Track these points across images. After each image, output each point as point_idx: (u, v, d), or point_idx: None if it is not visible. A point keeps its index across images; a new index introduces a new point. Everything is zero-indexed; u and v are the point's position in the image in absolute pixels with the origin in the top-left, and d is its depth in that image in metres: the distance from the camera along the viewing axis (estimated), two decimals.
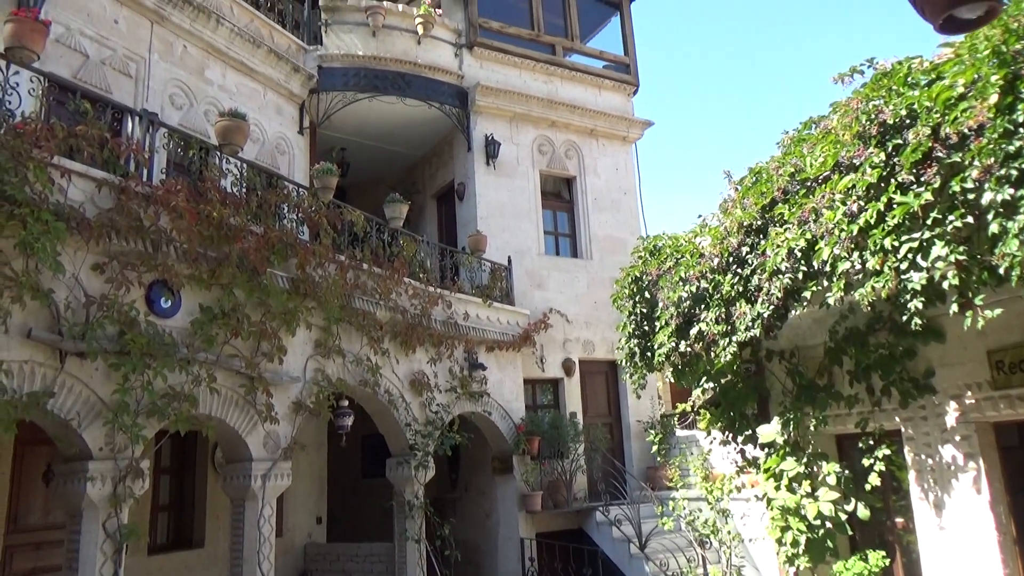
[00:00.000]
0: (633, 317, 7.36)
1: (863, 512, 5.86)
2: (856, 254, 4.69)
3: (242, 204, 6.91)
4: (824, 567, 6.09)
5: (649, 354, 7.09)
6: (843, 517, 5.94)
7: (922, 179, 4.32)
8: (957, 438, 5.31)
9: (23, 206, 5.04)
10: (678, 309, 6.50)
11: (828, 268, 4.92)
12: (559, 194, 13.67)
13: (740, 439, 6.96)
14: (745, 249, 5.82)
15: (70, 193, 5.53)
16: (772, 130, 41.37)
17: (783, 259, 5.26)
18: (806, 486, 6.13)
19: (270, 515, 7.08)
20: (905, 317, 4.52)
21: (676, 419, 12.21)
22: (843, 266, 4.75)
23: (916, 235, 4.31)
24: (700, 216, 6.97)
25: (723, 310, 5.95)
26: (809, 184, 5.34)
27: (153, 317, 6.14)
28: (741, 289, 5.77)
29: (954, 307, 4.31)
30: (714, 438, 7.27)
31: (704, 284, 6.21)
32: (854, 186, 4.74)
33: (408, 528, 8.93)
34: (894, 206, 4.42)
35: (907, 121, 4.58)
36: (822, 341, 6.13)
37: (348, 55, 11.83)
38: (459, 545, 9.16)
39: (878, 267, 4.50)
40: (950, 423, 5.36)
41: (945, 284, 4.18)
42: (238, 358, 6.80)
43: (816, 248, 4.99)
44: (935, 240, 4.21)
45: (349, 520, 12.27)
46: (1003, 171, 3.87)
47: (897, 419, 5.72)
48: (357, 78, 11.79)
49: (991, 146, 3.92)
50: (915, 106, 4.51)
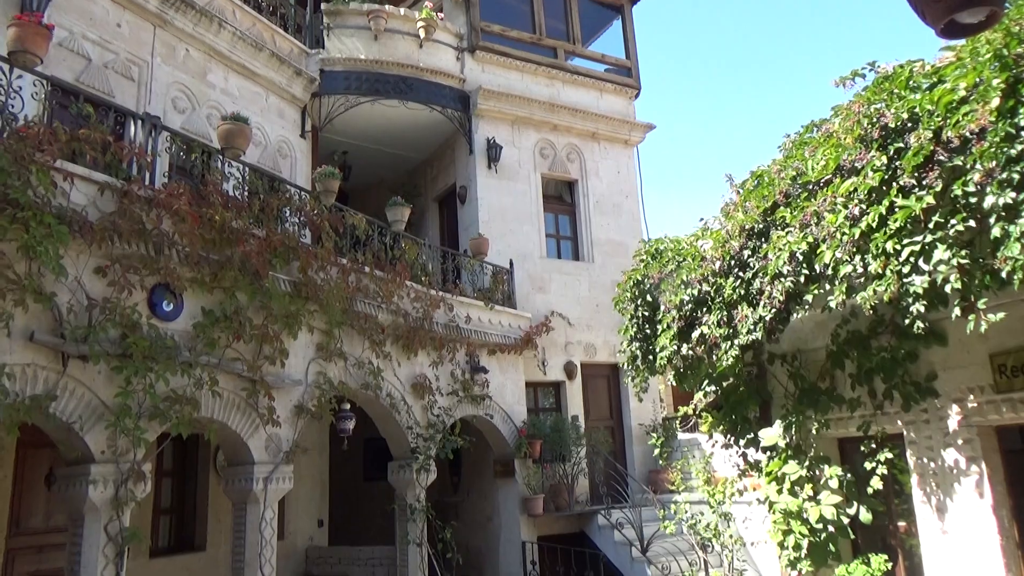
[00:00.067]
0: (635, 320, 7.36)
1: (865, 516, 5.85)
2: (858, 257, 4.68)
3: (244, 208, 6.93)
4: (826, 571, 6.08)
5: (651, 357, 7.09)
6: (845, 521, 5.92)
7: (924, 183, 4.32)
8: (959, 442, 5.30)
9: (26, 209, 5.06)
10: (680, 312, 6.50)
11: (830, 271, 4.91)
12: (561, 197, 13.68)
13: (742, 442, 6.94)
14: (747, 252, 5.82)
15: (73, 196, 5.55)
16: (774, 133, 41.40)
17: (785, 262, 5.25)
18: (808, 489, 6.12)
19: (272, 518, 7.08)
20: (907, 321, 4.51)
21: (678, 422, 12.19)
22: (845, 269, 4.74)
23: (918, 239, 4.31)
24: (702, 219, 6.96)
25: (725, 313, 5.95)
26: (811, 187, 5.34)
27: (155, 320, 6.15)
28: (743, 292, 5.77)
29: (956, 311, 4.31)
30: (716, 441, 7.26)
31: (706, 287, 6.20)
32: (856, 189, 4.74)
33: (410, 531, 8.92)
34: (896, 209, 4.42)
35: (909, 125, 4.58)
36: (824, 344, 6.13)
37: (350, 59, 11.85)
38: (461, 548, 9.15)
39: (880, 270, 4.50)
40: (952, 427, 5.35)
41: (947, 288, 4.18)
42: (240, 361, 6.81)
43: (818, 251, 4.99)
44: (937, 244, 4.20)
45: (351, 523, 12.26)
46: (1005, 175, 3.87)
47: (899, 422, 5.71)
48: (359, 82, 11.81)
49: (993, 150, 3.92)
50: (917, 110, 4.51)
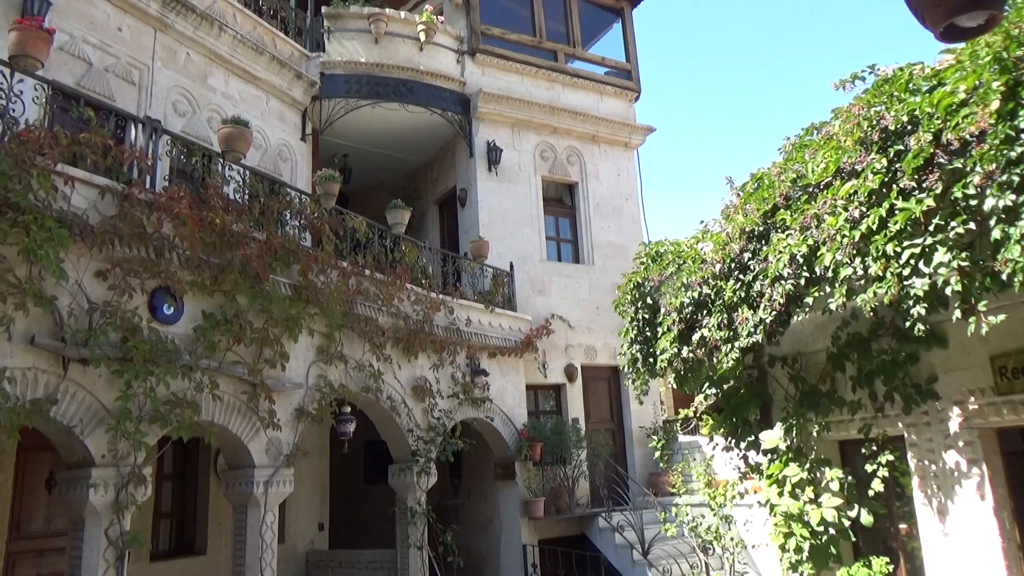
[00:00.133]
0: (635, 323, 7.36)
1: (866, 518, 5.84)
2: (858, 260, 4.68)
3: (245, 211, 6.93)
4: (827, 573, 6.07)
5: (651, 360, 7.09)
6: (846, 523, 5.92)
7: (924, 185, 4.32)
8: (960, 444, 5.30)
9: (27, 213, 5.06)
10: (680, 315, 6.50)
11: (830, 274, 4.91)
12: (561, 200, 13.69)
13: (743, 445, 6.94)
14: (747, 255, 5.82)
15: (73, 200, 5.55)
16: (774, 136, 41.41)
17: (785, 265, 5.26)
18: (809, 492, 6.11)
19: (272, 522, 7.07)
20: (908, 323, 4.51)
21: (678, 425, 12.18)
22: (845, 272, 4.75)
23: (918, 241, 4.31)
24: (702, 222, 6.97)
25: (725, 316, 5.95)
26: (811, 190, 5.34)
27: (156, 324, 6.15)
28: (743, 295, 5.77)
29: (957, 313, 4.31)
30: (717, 444, 7.26)
31: (706, 290, 6.21)
32: (856, 192, 4.74)
33: (410, 534, 8.92)
34: (896, 212, 4.42)
35: (909, 127, 4.58)
36: (824, 347, 6.13)
37: (350, 62, 11.86)
38: (461, 551, 9.14)
39: (880, 273, 4.50)
40: (953, 429, 5.35)
41: (948, 290, 4.18)
42: (240, 364, 6.81)
43: (818, 254, 4.99)
44: (937, 246, 4.21)
45: (351, 526, 12.26)
46: (1005, 177, 3.87)
47: (900, 425, 5.71)
48: (359, 85, 11.82)
49: (993, 152, 3.92)
50: (917, 112, 4.52)
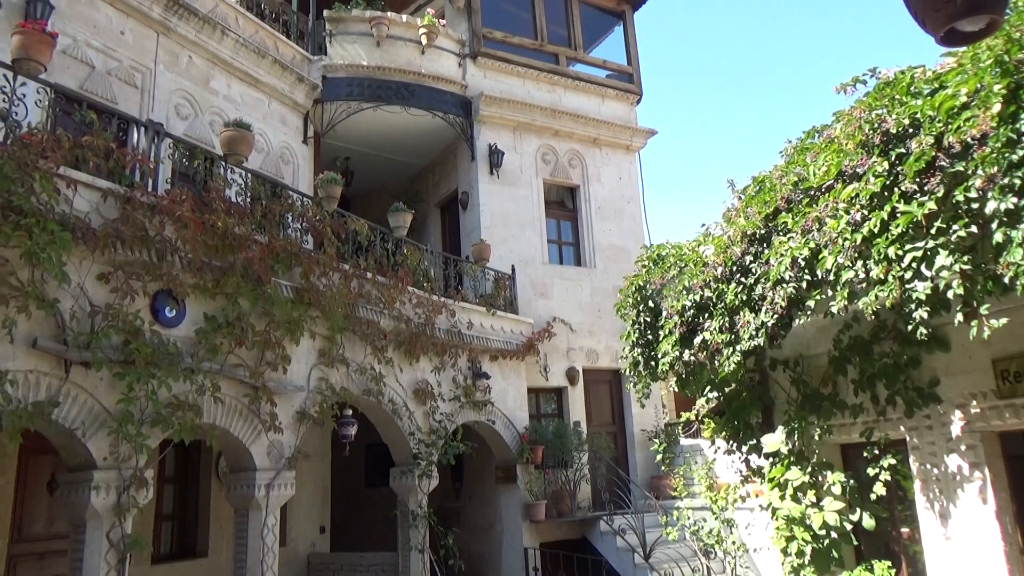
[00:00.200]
0: (637, 326, 7.36)
1: (868, 522, 5.83)
2: (860, 263, 4.68)
3: (247, 214, 6.94)
4: None
5: (653, 363, 7.09)
6: (848, 527, 5.91)
7: (925, 188, 4.32)
8: (963, 447, 5.29)
9: (29, 216, 5.07)
10: (682, 318, 6.50)
11: (832, 277, 4.91)
12: (562, 203, 13.69)
13: (744, 448, 6.94)
14: (749, 258, 5.82)
15: (76, 203, 5.56)
16: (776, 139, 41.37)
17: (787, 268, 5.25)
18: (811, 496, 6.10)
19: (274, 524, 7.07)
20: (910, 326, 4.51)
21: (680, 428, 12.17)
22: (847, 275, 4.74)
23: (920, 244, 4.31)
24: (704, 225, 6.98)
25: (727, 319, 5.95)
26: (812, 193, 5.34)
27: (158, 326, 6.16)
28: (745, 298, 5.77)
29: (959, 316, 4.31)
30: (718, 447, 7.25)
31: (708, 293, 6.21)
32: (857, 195, 4.74)
33: (412, 537, 8.90)
34: (898, 215, 4.42)
35: (910, 130, 4.59)
36: (826, 350, 6.12)
37: (352, 65, 11.88)
38: (463, 554, 9.13)
39: (882, 276, 4.50)
40: (955, 432, 5.34)
41: (950, 293, 4.18)
42: (242, 367, 6.81)
43: (820, 257, 4.99)
44: (939, 249, 4.21)
45: (353, 529, 12.25)
46: (1006, 180, 3.87)
47: (902, 428, 5.70)
48: (361, 88, 11.83)
49: (994, 155, 3.92)
50: (918, 115, 4.52)
